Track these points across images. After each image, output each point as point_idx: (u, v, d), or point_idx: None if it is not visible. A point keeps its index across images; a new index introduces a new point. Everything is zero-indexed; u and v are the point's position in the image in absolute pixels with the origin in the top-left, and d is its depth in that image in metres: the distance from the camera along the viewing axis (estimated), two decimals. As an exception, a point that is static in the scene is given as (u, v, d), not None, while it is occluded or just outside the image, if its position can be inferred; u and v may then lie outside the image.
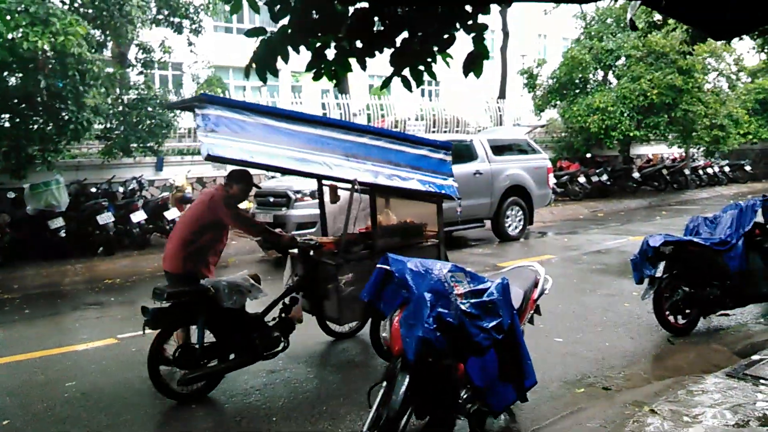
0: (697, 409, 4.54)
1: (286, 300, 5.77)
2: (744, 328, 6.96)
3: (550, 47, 36.23)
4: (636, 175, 20.93)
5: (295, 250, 6.04)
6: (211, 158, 4.79)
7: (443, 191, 6.17)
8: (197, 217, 5.48)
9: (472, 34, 3.44)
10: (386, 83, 3.91)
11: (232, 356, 5.39)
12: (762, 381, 5.06)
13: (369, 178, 5.65)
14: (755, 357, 5.65)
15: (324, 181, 6.62)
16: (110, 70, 12.13)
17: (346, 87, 18.78)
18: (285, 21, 3.56)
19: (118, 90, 12.54)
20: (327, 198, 6.65)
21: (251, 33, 3.60)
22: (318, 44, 3.59)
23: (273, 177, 14.00)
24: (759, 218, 6.94)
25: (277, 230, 6.07)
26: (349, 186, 5.74)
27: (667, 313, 6.60)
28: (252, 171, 5.64)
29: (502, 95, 23.05)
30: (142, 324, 5.03)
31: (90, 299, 9.05)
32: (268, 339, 5.51)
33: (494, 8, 3.83)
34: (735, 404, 4.62)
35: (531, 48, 33.38)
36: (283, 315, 5.71)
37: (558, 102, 21.03)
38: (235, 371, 5.49)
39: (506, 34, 23.41)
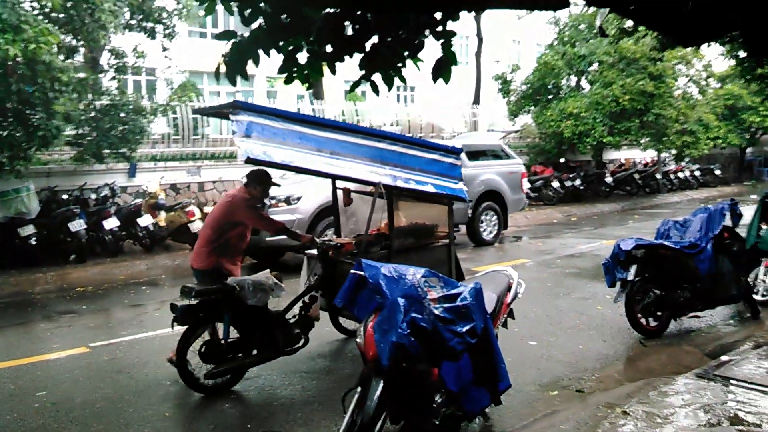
0: (669, 410, 4.60)
1: (306, 298, 5.96)
2: (714, 330, 7.08)
3: (523, 53, 36.48)
4: (609, 179, 21.16)
5: (314, 251, 6.26)
6: (250, 161, 4.98)
7: (454, 194, 6.42)
8: (219, 217, 5.73)
9: (441, 41, 3.47)
10: (354, 87, 3.94)
11: (254, 352, 5.59)
12: (731, 381, 5.15)
13: (389, 182, 5.88)
14: (724, 358, 5.75)
15: (338, 184, 6.85)
16: (82, 75, 11.98)
17: (321, 92, 18.73)
18: (256, 24, 3.57)
19: (90, 96, 12.37)
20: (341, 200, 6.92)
21: (222, 36, 3.60)
22: (290, 47, 3.60)
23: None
24: (727, 222, 7.07)
25: (298, 231, 6.36)
26: (360, 188, 6.08)
27: (639, 315, 6.68)
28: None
29: (476, 101, 23.18)
30: (170, 320, 5.28)
31: (61, 308, 8.91)
32: (289, 336, 5.73)
33: (468, 14, 3.86)
34: (705, 404, 4.70)
35: (505, 53, 33.57)
36: (302, 313, 5.92)
37: (532, 107, 21.20)
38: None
39: (480, 40, 23.54)
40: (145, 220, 12.07)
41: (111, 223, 11.67)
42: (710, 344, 6.55)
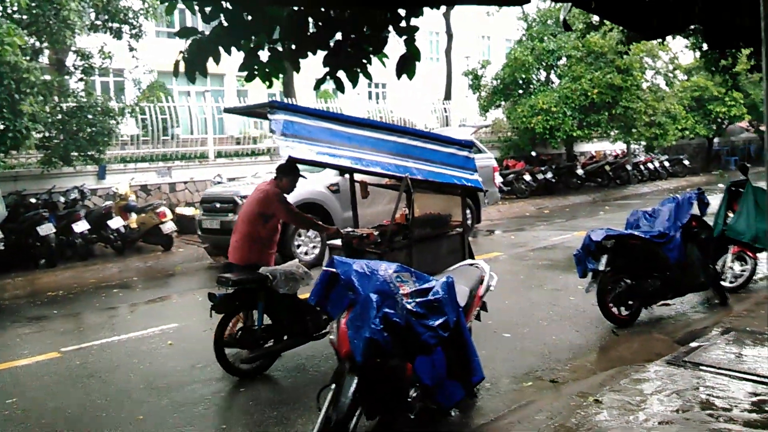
0: (641, 397, 4.67)
1: None
2: (684, 317, 7.18)
3: (493, 48, 36.68)
4: (580, 171, 21.38)
5: (337, 241, 6.42)
6: (292, 160, 5.35)
7: (473, 185, 6.70)
8: (254, 210, 6.04)
9: (404, 37, 3.48)
10: (319, 84, 3.94)
11: (286, 337, 5.87)
12: (701, 367, 5.23)
13: (415, 175, 6.07)
14: (694, 344, 5.84)
15: (355, 176, 7.07)
16: (48, 77, 11.77)
17: (292, 91, 18.66)
18: (217, 22, 3.54)
19: (56, 98, 12.17)
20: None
21: (182, 33, 3.57)
22: (251, 45, 3.58)
23: (219, 183, 13.81)
24: (695, 211, 7.18)
25: (319, 222, 6.61)
26: (376, 180, 6.53)
27: (611, 305, 6.76)
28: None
29: (447, 96, 23.27)
30: (209, 309, 5.58)
31: (31, 313, 8.77)
32: (318, 322, 5.96)
33: (437, 11, 3.90)
34: (676, 390, 4.77)
35: (475, 49, 33.68)
36: None
37: (503, 102, 21.33)
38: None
39: (450, 36, 23.63)
40: (116, 223, 11.94)
41: (81, 226, 11.51)
42: (680, 331, 6.64)
